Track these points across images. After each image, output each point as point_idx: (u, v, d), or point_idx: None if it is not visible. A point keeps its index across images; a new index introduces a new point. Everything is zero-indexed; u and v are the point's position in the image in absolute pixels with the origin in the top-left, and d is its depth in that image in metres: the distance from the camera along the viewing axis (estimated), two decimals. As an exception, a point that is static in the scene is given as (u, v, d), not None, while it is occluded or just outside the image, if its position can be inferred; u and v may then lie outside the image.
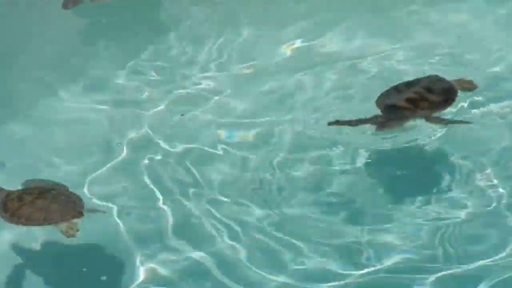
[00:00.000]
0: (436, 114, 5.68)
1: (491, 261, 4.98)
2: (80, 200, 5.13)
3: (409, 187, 5.56)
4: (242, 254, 5.10)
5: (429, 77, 5.91)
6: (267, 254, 5.10)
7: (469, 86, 5.96)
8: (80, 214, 5.03)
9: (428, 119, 5.66)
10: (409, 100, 5.65)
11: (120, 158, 5.75)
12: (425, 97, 5.68)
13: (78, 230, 5.03)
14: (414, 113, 5.66)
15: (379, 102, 5.73)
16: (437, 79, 5.87)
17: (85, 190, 5.46)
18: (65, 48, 6.81)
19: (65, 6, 7.04)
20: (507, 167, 5.58)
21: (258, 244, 5.16)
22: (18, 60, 6.67)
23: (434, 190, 5.50)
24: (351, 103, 6.11)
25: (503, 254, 5.01)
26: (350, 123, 5.73)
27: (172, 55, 6.74)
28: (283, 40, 6.83)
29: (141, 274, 5.03)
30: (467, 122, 5.75)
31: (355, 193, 5.48)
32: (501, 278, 4.87)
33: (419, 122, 5.69)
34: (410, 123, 5.68)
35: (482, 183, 5.47)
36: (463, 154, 5.67)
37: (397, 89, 5.78)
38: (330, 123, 5.75)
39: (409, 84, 5.80)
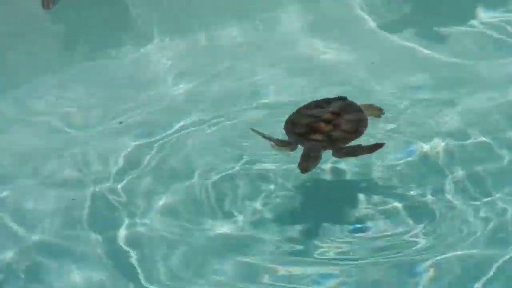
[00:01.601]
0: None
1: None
2: None
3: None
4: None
5: (339, 101, 5.60)
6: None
7: (377, 112, 5.73)
8: None
9: (338, 151, 5.35)
10: (320, 131, 5.31)
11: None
12: (337, 126, 5.38)
13: None
14: (329, 145, 5.35)
15: (288, 129, 5.44)
16: (346, 104, 5.58)
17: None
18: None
19: (45, 5, 7.16)
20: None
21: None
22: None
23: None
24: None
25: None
26: (268, 137, 5.45)
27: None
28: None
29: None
30: (379, 145, 5.42)
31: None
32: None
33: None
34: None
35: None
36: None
37: (305, 114, 5.48)
38: (253, 130, 5.53)
39: (316, 108, 5.49)
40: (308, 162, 5.30)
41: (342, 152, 5.37)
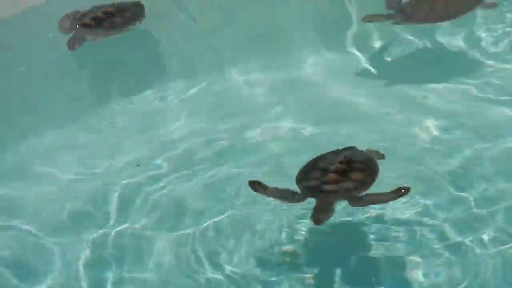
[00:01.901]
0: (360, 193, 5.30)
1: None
2: None
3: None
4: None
5: (347, 150, 5.60)
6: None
7: (377, 156, 5.69)
8: None
9: (353, 201, 5.29)
10: (331, 182, 5.28)
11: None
12: (349, 176, 5.32)
13: None
14: (342, 195, 5.29)
15: (299, 182, 5.38)
16: (355, 153, 5.56)
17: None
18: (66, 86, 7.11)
19: (71, 47, 7.10)
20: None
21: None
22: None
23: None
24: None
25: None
26: (269, 192, 5.37)
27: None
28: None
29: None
30: (402, 192, 5.28)
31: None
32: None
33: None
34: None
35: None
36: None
37: (316, 166, 5.44)
38: (251, 183, 5.44)
39: (325, 160, 5.46)
40: (321, 214, 5.26)
41: (361, 201, 5.31)
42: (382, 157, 5.70)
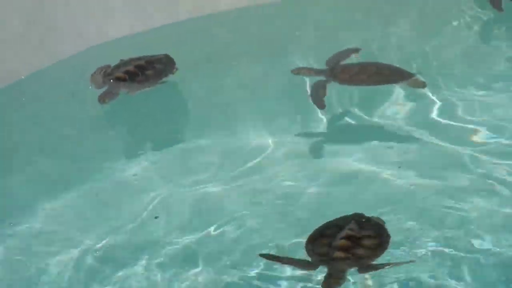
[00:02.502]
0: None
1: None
2: None
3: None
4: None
5: (354, 216, 5.57)
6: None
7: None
8: None
9: (363, 268, 5.25)
10: (342, 249, 5.24)
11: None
12: (359, 243, 5.29)
13: None
14: (354, 262, 5.25)
15: (309, 250, 5.35)
16: (365, 219, 5.53)
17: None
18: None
19: (102, 101, 7.08)
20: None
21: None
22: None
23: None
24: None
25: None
26: (282, 261, 5.41)
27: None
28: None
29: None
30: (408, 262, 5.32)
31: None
32: None
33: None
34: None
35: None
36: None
37: (324, 234, 5.43)
38: (261, 255, 5.49)
39: (334, 227, 5.44)
40: (333, 281, 5.20)
41: (371, 268, 5.26)
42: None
